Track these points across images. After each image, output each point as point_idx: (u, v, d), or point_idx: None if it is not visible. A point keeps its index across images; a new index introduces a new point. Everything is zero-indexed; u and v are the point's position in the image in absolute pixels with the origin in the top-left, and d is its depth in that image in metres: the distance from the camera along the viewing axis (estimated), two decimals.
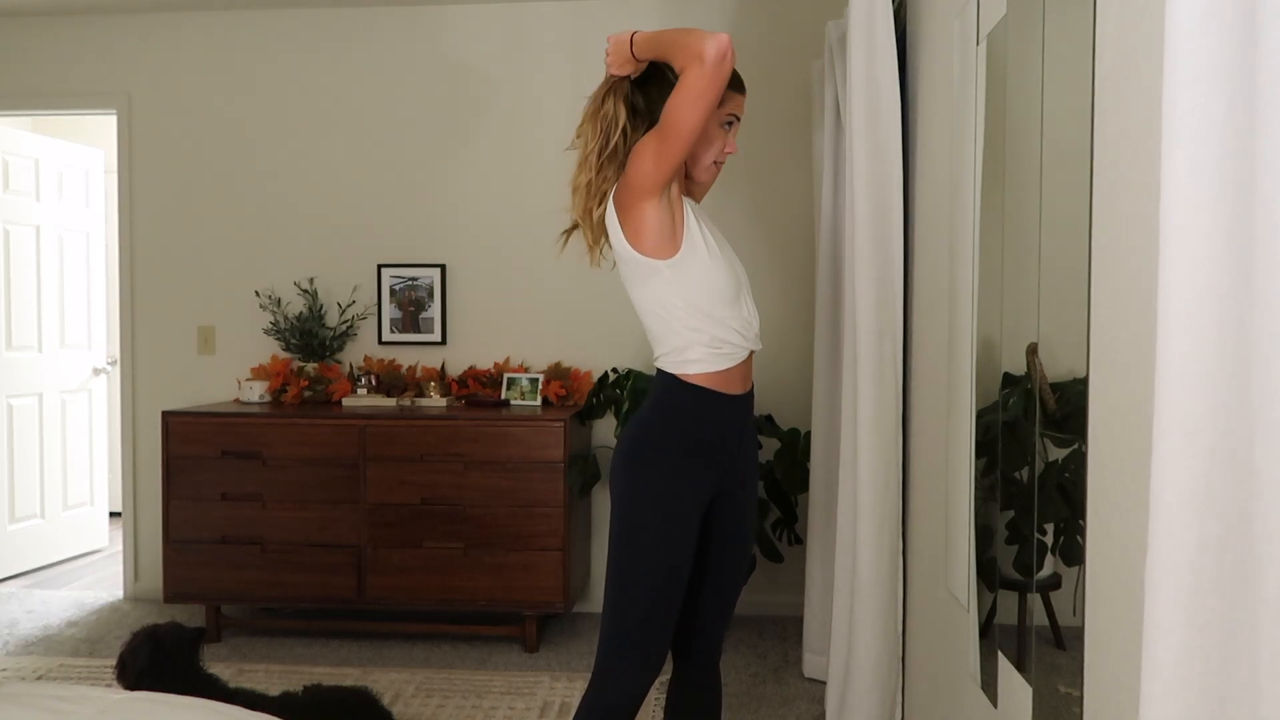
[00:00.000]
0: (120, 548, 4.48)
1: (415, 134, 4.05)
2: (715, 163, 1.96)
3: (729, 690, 3.14)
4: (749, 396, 1.98)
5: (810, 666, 3.27)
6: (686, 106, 1.72)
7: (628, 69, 1.89)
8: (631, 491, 1.89)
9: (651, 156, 1.78)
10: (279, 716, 1.98)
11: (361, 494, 3.52)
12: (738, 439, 1.97)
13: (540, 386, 3.83)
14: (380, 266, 4.05)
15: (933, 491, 2.29)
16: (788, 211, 3.88)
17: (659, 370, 1.92)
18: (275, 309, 4.07)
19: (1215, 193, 0.79)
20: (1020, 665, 1.61)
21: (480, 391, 3.90)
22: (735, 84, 1.95)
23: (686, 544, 1.89)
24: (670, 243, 1.83)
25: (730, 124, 1.95)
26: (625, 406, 3.53)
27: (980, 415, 1.84)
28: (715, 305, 1.85)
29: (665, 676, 3.28)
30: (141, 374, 4.21)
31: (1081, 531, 1.33)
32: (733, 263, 1.94)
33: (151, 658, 2.33)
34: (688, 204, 1.91)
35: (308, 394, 3.91)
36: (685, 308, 1.84)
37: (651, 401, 1.93)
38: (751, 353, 1.96)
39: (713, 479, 1.93)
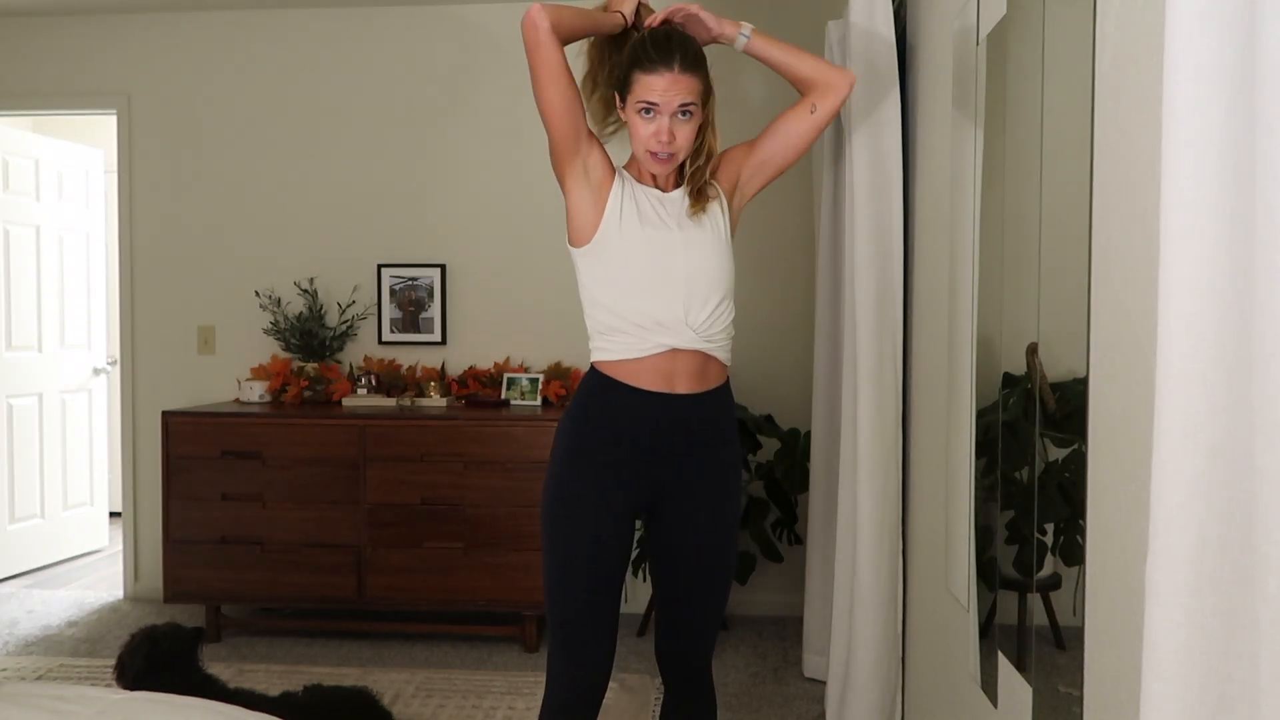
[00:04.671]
0: (120, 548, 4.47)
1: (415, 134, 4.05)
2: (651, 154, 1.82)
3: (729, 691, 3.13)
4: (695, 400, 1.86)
5: (810, 666, 3.27)
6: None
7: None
8: (545, 480, 1.92)
9: None
10: (279, 716, 1.98)
11: (361, 494, 3.52)
12: (681, 445, 1.88)
13: (540, 386, 3.83)
14: (380, 266, 4.05)
15: (933, 491, 2.29)
16: (787, 211, 3.88)
17: None
18: (275, 309, 4.07)
19: (1215, 193, 0.79)
20: (1020, 665, 1.61)
21: (480, 391, 3.90)
22: (639, 63, 1.80)
23: (582, 532, 1.85)
24: (581, 233, 1.88)
25: (648, 111, 1.80)
26: None
27: (980, 415, 1.84)
28: (614, 295, 1.85)
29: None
30: (141, 374, 4.20)
31: (1081, 531, 1.33)
32: (665, 255, 1.84)
33: (150, 658, 2.33)
34: (638, 193, 1.88)
35: (308, 394, 3.91)
36: (588, 297, 1.90)
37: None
38: (699, 353, 1.85)
39: (633, 475, 1.86)
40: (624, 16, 1.93)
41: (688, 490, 1.91)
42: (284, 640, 3.64)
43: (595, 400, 1.89)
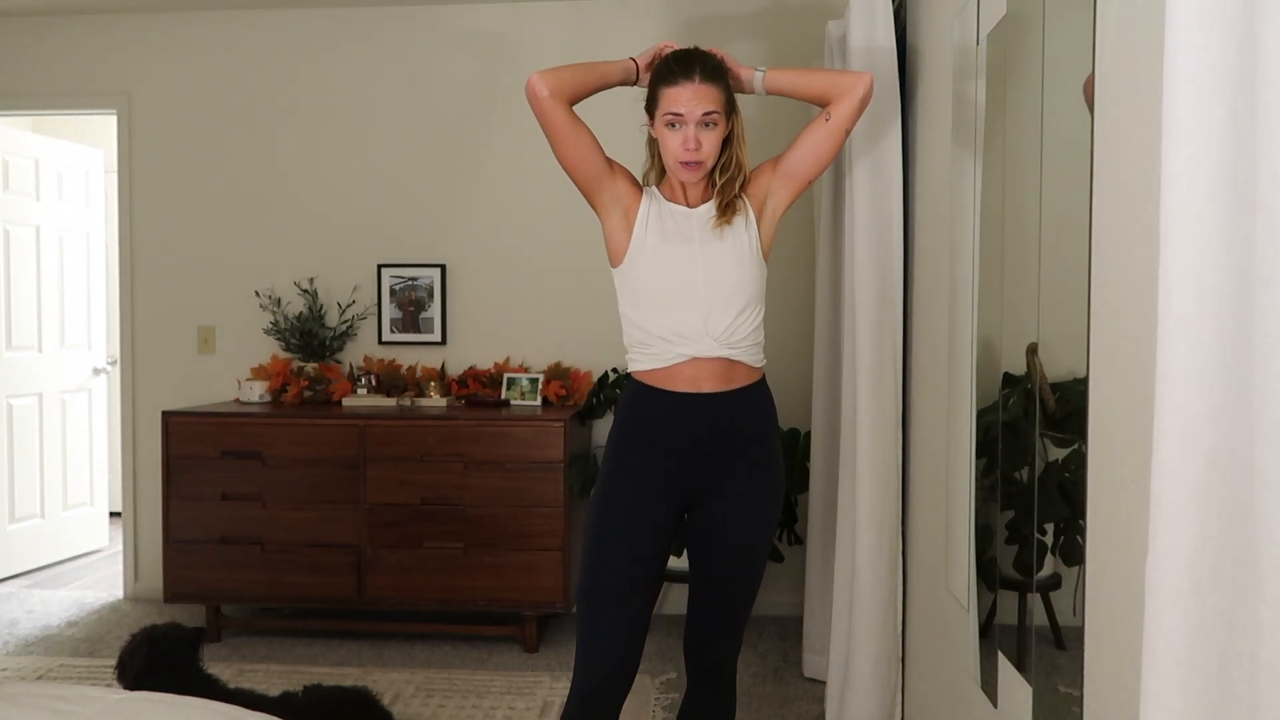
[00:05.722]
0: (120, 548, 4.47)
1: (416, 134, 4.05)
2: (681, 163, 1.89)
3: None
4: (720, 397, 1.91)
5: (810, 666, 3.27)
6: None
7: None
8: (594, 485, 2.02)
9: None
10: (279, 716, 1.98)
11: (361, 494, 3.52)
12: (710, 441, 1.92)
13: (540, 386, 3.83)
14: (380, 266, 4.05)
15: (933, 491, 2.29)
16: (788, 211, 3.88)
17: None
18: (275, 309, 4.07)
19: (1215, 193, 0.79)
20: (1020, 665, 1.61)
21: (480, 391, 3.90)
22: (664, 78, 1.88)
23: (619, 533, 1.92)
24: (615, 256, 1.98)
25: (674, 123, 1.87)
26: None
27: (980, 415, 1.84)
28: (639, 311, 1.94)
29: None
30: (141, 374, 4.20)
31: (1081, 531, 1.33)
32: (684, 269, 1.90)
33: (150, 658, 2.33)
34: (664, 211, 1.95)
35: (308, 394, 3.91)
36: (621, 314, 2.00)
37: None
38: (722, 359, 1.90)
39: (669, 476, 1.92)
40: (635, 62, 1.99)
41: (716, 487, 1.95)
42: (284, 640, 3.64)
43: (631, 408, 1.98)
